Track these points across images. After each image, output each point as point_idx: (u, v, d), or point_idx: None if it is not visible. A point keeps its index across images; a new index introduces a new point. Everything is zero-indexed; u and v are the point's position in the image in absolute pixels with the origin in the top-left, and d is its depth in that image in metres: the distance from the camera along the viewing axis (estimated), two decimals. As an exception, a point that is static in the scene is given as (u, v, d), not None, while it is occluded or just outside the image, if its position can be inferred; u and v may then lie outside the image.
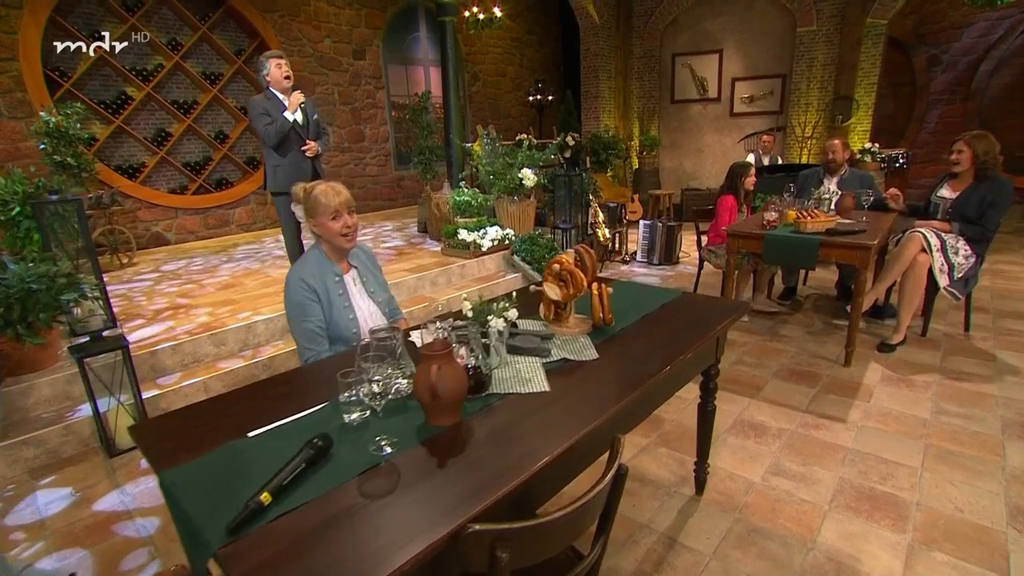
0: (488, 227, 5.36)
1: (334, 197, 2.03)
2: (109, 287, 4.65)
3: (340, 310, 2.08)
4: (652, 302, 2.14)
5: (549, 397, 1.42)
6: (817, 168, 4.35)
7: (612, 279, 2.51)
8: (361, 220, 7.92)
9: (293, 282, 2.04)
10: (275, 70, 3.77)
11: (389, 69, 8.48)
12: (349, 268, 2.19)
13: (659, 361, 1.59)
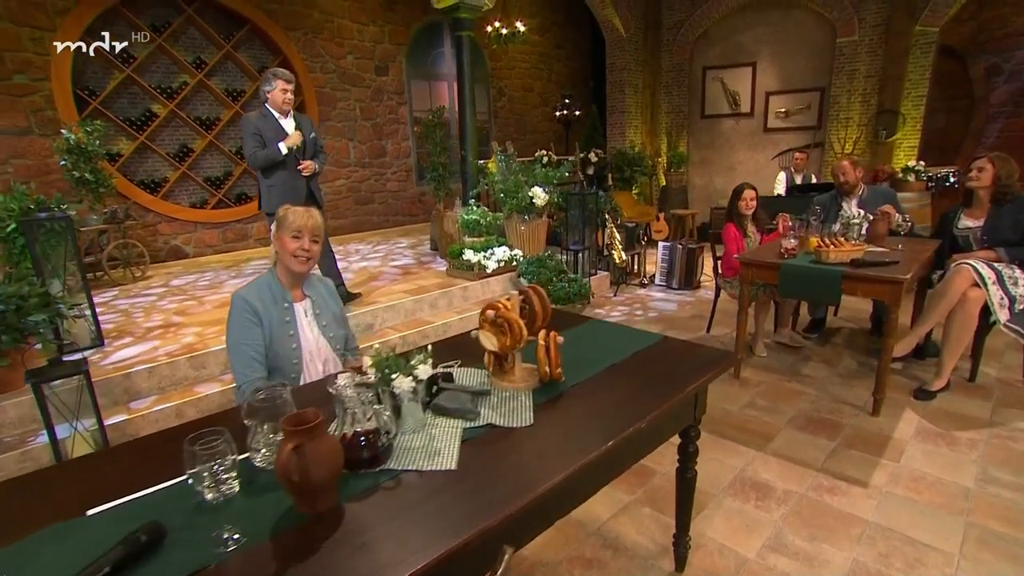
0: (496, 247, 5.15)
1: (303, 218, 1.92)
2: (116, 301, 4.69)
3: (283, 339, 1.92)
4: (623, 348, 1.87)
5: (454, 477, 1.18)
6: (832, 192, 3.96)
7: (589, 318, 2.25)
8: (378, 236, 7.93)
9: (236, 301, 1.89)
10: (279, 92, 3.60)
11: (412, 85, 8.45)
12: (303, 298, 2.03)
13: (605, 432, 1.32)
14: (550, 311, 1.68)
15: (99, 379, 3.06)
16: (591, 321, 2.21)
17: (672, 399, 1.50)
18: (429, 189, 8.45)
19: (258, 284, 1.95)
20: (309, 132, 3.88)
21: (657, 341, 1.95)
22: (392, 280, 5.08)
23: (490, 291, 5.01)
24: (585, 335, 2.03)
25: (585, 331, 2.08)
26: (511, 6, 9.08)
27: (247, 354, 1.85)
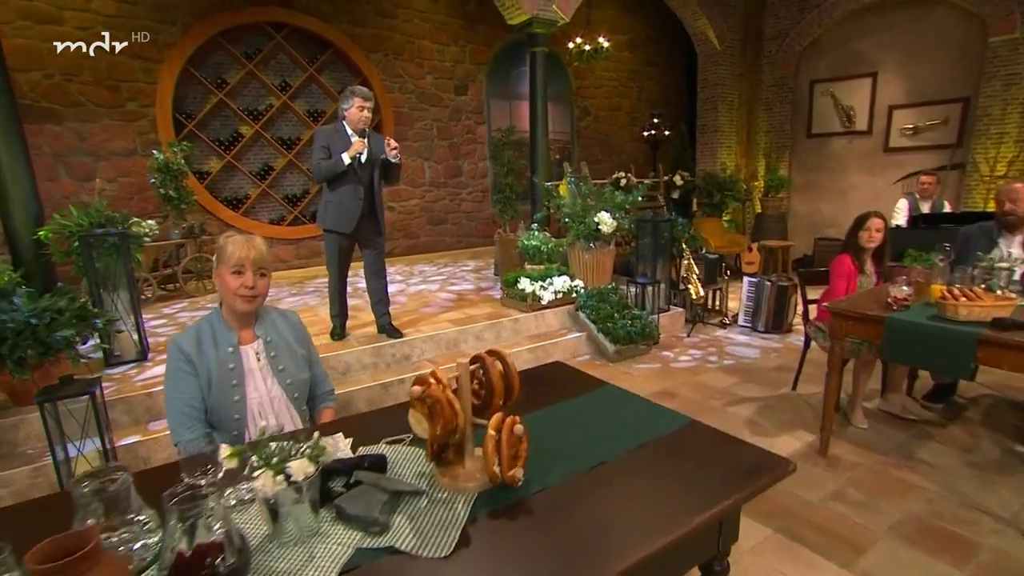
0: (555, 276, 4.77)
1: (244, 249, 1.66)
2: (181, 314, 4.87)
3: (224, 389, 1.68)
4: (630, 434, 1.42)
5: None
6: (986, 224, 3.15)
7: (604, 383, 1.81)
8: (448, 258, 7.84)
9: (170, 348, 1.69)
10: (355, 110, 3.49)
11: (492, 104, 8.35)
12: (253, 339, 1.78)
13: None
14: (517, 386, 1.29)
15: (126, 396, 3.07)
16: (605, 387, 1.77)
17: (684, 528, 1.05)
18: (502, 210, 8.25)
19: (198, 326, 1.73)
20: (380, 151, 3.66)
21: (682, 427, 1.48)
22: (443, 307, 4.86)
23: (544, 325, 4.62)
24: (586, 409, 1.60)
25: (589, 403, 1.65)
26: (597, 22, 8.75)
27: (179, 410, 1.63)
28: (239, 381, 1.71)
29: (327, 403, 1.95)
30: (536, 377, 1.94)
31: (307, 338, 1.94)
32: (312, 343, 1.97)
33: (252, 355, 1.77)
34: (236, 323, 1.75)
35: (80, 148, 5.68)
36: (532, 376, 1.94)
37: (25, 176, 3.81)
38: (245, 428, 1.71)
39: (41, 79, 5.45)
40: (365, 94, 3.55)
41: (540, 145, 6.08)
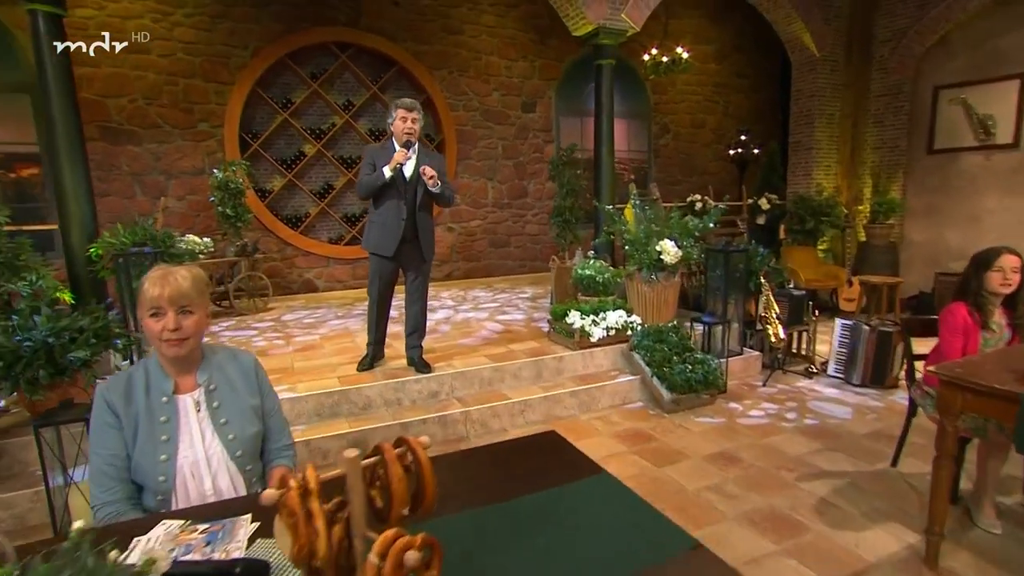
0: (609, 311, 4.39)
1: (158, 286, 1.49)
2: (225, 333, 4.97)
3: (152, 445, 1.50)
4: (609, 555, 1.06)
5: None
6: None
7: (602, 471, 1.46)
8: (508, 283, 7.62)
9: (96, 398, 1.54)
10: (399, 122, 3.39)
11: (561, 121, 8.14)
12: (194, 387, 1.60)
13: None
14: (431, 489, 0.98)
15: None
16: (599, 477, 1.42)
17: None
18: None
19: (130, 372, 1.57)
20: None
21: (683, 551, 1.10)
22: (485, 339, 4.61)
23: (593, 364, 4.24)
24: (562, 508, 1.25)
25: (569, 499, 1.30)
26: (678, 31, 8.32)
27: (98, 467, 1.47)
28: (170, 436, 1.53)
29: (280, 460, 1.73)
30: (517, 451, 1.61)
31: (262, 384, 1.74)
32: (271, 390, 1.77)
33: (190, 405, 1.58)
34: (173, 368, 1.58)
35: (155, 167, 6.09)
36: (514, 449, 1.63)
37: (84, 195, 4.03)
38: (172, 492, 1.52)
39: (126, 104, 5.91)
40: (408, 104, 3.41)
41: (605, 164, 5.74)
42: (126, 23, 5.79)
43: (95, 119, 5.79)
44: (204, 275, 1.64)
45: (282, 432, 1.78)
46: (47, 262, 4.63)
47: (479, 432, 3.59)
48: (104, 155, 5.86)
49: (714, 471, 3.04)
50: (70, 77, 3.94)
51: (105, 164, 5.87)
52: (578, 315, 4.31)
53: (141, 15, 5.85)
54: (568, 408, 3.85)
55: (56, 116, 3.89)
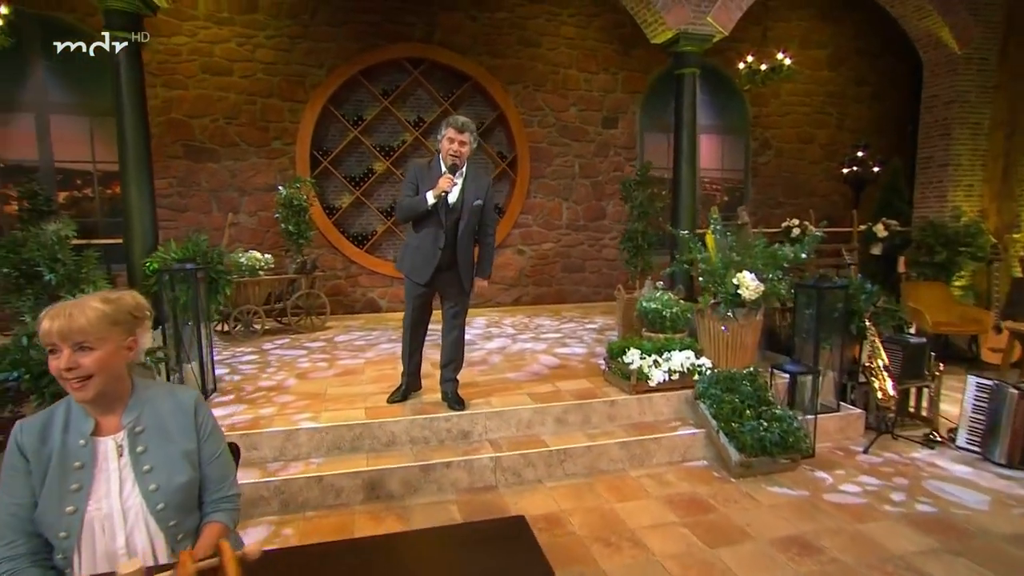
0: (675, 350, 3.96)
1: (49, 320, 1.37)
2: (274, 351, 5.09)
3: (58, 495, 1.39)
4: None
5: None
6: None
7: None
8: (579, 311, 7.29)
9: (10, 437, 1.45)
10: (446, 142, 3.29)
11: (646, 138, 7.75)
12: (117, 428, 1.48)
13: None
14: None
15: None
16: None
17: None
18: (657, 260, 7.53)
19: (51, 411, 1.47)
20: (473, 197, 3.38)
21: None
22: (535, 375, 4.34)
23: (651, 412, 3.82)
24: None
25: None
26: (782, 35, 7.68)
27: (1, 518, 1.37)
28: (83, 485, 1.40)
29: (216, 515, 1.56)
30: (470, 541, 1.33)
31: (202, 425, 1.59)
32: (214, 432, 1.61)
33: (111, 449, 1.46)
34: (96, 408, 1.47)
35: (231, 184, 6.47)
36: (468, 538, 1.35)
37: (148, 211, 4.29)
38: (74, 551, 1.38)
39: (208, 123, 6.36)
40: (459, 124, 3.27)
41: (684, 184, 5.32)
42: (214, 47, 6.26)
43: (181, 138, 6.27)
44: (127, 305, 1.49)
45: (223, 481, 1.62)
46: (114, 274, 5.01)
47: (510, 481, 3.30)
48: (187, 172, 6.32)
49: (782, 561, 2.53)
50: (143, 102, 4.24)
51: (187, 180, 6.33)
52: (637, 353, 3.92)
53: (228, 39, 6.29)
54: (615, 461, 3.46)
55: (128, 137, 4.19)
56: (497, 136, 7.39)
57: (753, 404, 3.53)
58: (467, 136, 3.24)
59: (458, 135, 3.23)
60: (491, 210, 3.49)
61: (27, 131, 5.93)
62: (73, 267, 3.76)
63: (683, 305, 4.28)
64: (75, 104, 5.97)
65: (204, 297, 3.87)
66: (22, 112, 5.91)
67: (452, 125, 3.24)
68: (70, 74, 5.90)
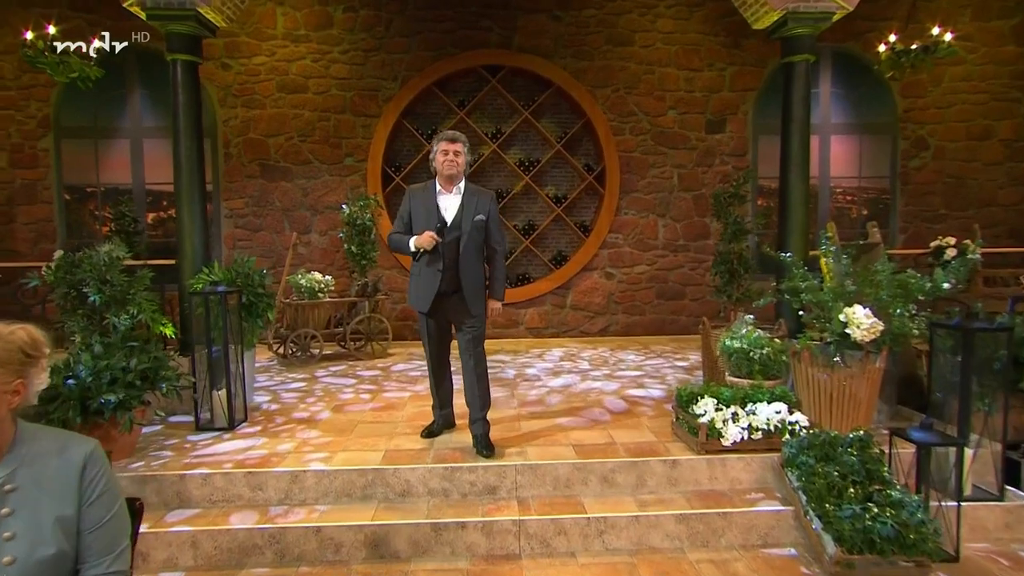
0: (763, 402, 3.41)
1: None
2: (324, 378, 5.17)
3: None
4: None
5: None
6: None
7: None
8: (673, 344, 6.78)
9: None
10: (439, 156, 3.29)
11: (760, 142, 7.05)
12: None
13: None
14: None
15: (159, 474, 3.17)
16: None
17: None
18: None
19: None
20: (473, 213, 3.33)
21: None
22: (592, 421, 3.98)
23: (724, 478, 3.30)
24: None
25: None
26: (945, 5, 6.65)
27: None
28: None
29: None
30: None
31: (89, 488, 1.42)
32: (104, 495, 1.44)
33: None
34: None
35: (303, 203, 6.79)
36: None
37: (198, 232, 4.53)
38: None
39: (283, 142, 6.74)
40: (450, 135, 3.34)
41: (793, 195, 4.68)
42: (290, 65, 6.65)
43: (258, 157, 6.71)
44: (19, 342, 1.40)
45: (104, 556, 1.44)
46: (169, 295, 5.33)
47: (536, 551, 2.97)
48: (261, 191, 6.73)
49: None
50: (197, 122, 4.51)
51: (261, 200, 6.74)
52: (712, 403, 3.42)
53: (304, 56, 6.66)
54: (671, 538, 3.00)
55: (183, 159, 4.47)
56: (583, 146, 7.13)
57: (860, 481, 2.89)
58: (460, 145, 3.26)
59: (451, 145, 3.23)
60: (497, 226, 3.44)
61: (123, 156, 6.65)
62: (121, 288, 4.04)
63: (776, 345, 3.70)
64: (165, 128, 6.59)
65: (237, 321, 3.97)
66: (120, 138, 6.65)
67: (443, 138, 3.29)
68: (163, 100, 6.53)
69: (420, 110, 6.93)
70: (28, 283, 3.96)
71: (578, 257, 7.01)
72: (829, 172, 7.09)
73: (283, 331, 5.71)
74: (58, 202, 6.60)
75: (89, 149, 6.66)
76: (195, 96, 4.52)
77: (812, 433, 3.18)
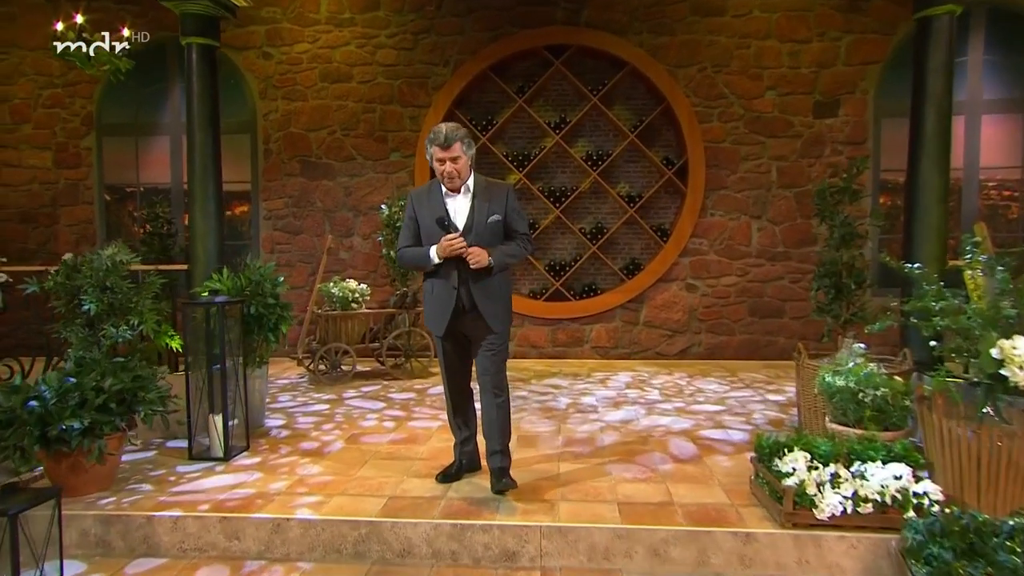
0: (875, 462, 2.74)
1: None
2: (349, 402, 4.88)
3: None
4: None
5: None
6: None
7: None
8: (770, 371, 6.04)
9: None
10: (436, 164, 2.95)
11: (883, 127, 6.20)
12: None
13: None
14: None
15: (128, 514, 2.93)
16: None
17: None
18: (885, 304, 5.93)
19: None
20: (488, 214, 2.99)
21: None
22: (647, 470, 3.44)
23: (818, 562, 2.66)
24: None
25: None
26: None
27: None
28: None
29: None
30: None
31: None
32: None
33: None
34: None
35: (345, 203, 6.61)
36: None
37: (212, 234, 4.38)
38: None
39: (325, 136, 6.61)
40: (440, 137, 2.88)
41: (926, 191, 3.96)
42: (333, 52, 6.51)
43: (299, 153, 6.61)
44: None
45: None
46: (175, 306, 5.21)
47: (560, 646, 2.46)
48: (302, 191, 6.61)
49: None
50: (215, 114, 4.36)
51: (302, 200, 6.62)
52: (803, 459, 2.80)
53: (348, 42, 6.50)
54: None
55: (196, 153, 4.33)
56: (662, 136, 6.56)
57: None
58: (458, 148, 2.87)
59: (445, 151, 2.86)
60: (518, 216, 3.12)
61: (163, 154, 6.74)
62: (122, 296, 3.89)
63: (896, 385, 2.99)
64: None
65: (239, 336, 3.73)
66: (160, 135, 6.74)
67: (434, 142, 2.88)
68: (202, 94, 6.58)
69: (474, 98, 6.61)
70: (26, 289, 3.89)
71: (654, 266, 6.41)
72: (978, 161, 6.09)
73: (314, 345, 5.49)
74: (99, 203, 6.78)
75: (130, 147, 6.81)
76: (211, 84, 4.38)
77: (949, 513, 2.46)
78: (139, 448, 3.85)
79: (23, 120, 6.79)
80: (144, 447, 3.86)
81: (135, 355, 3.49)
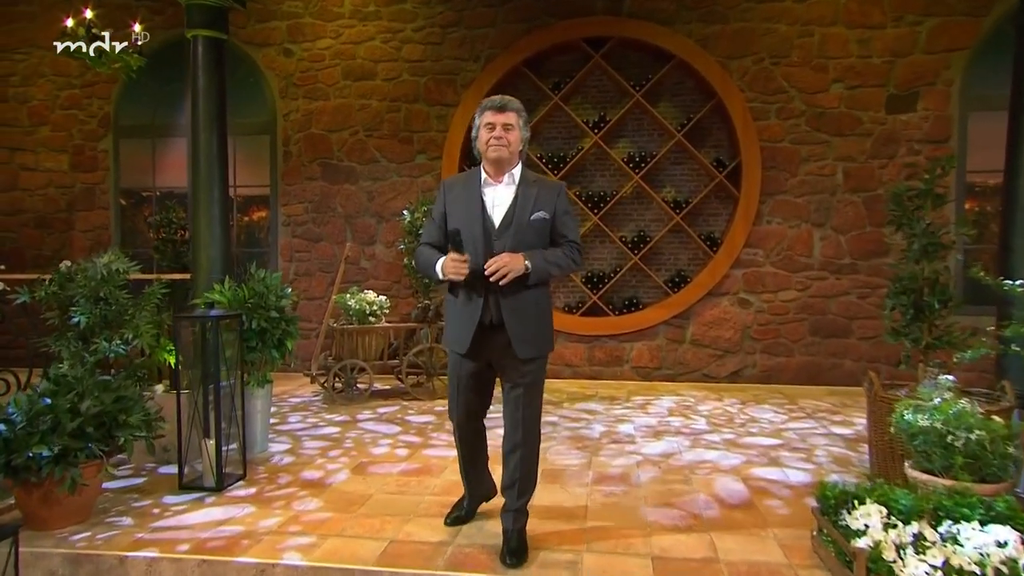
0: (971, 522, 2.36)
1: None
2: (363, 424, 4.67)
3: None
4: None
5: None
6: None
7: None
8: (834, 398, 5.64)
9: None
10: (483, 131, 2.63)
11: (971, 123, 5.72)
12: None
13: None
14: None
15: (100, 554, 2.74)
16: None
17: None
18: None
19: None
20: (531, 211, 2.60)
21: None
22: (689, 516, 3.10)
23: (896, 647, 2.25)
24: None
25: None
26: None
27: None
28: None
29: None
30: None
31: None
32: None
33: None
34: None
35: (367, 209, 6.45)
36: None
37: (216, 242, 4.23)
38: None
39: (348, 137, 6.47)
40: (497, 103, 2.62)
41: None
42: (357, 48, 6.38)
43: (320, 156, 6.49)
44: None
45: None
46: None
47: None
48: (322, 196, 6.48)
49: None
50: (221, 112, 4.22)
51: (322, 206, 6.49)
52: (879, 513, 2.44)
53: (372, 37, 6.36)
54: None
55: (200, 153, 4.20)
56: (713, 136, 6.22)
57: None
58: (512, 116, 2.58)
59: (498, 115, 2.56)
60: (570, 220, 2.71)
61: (179, 157, 6.69)
62: (117, 308, 3.76)
63: (996, 427, 2.58)
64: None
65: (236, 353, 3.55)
66: (177, 136, 6.70)
67: (487, 106, 2.62)
68: (222, 93, 6.52)
69: (508, 92, 6.34)
70: (16, 298, 3.79)
71: (702, 278, 6.04)
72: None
73: (329, 360, 5.31)
74: (114, 207, 6.79)
75: (147, 149, 6.81)
76: (218, 79, 4.26)
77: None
78: (131, 473, 3.70)
79: (41, 122, 6.86)
80: (136, 472, 3.72)
81: (131, 371, 3.34)
